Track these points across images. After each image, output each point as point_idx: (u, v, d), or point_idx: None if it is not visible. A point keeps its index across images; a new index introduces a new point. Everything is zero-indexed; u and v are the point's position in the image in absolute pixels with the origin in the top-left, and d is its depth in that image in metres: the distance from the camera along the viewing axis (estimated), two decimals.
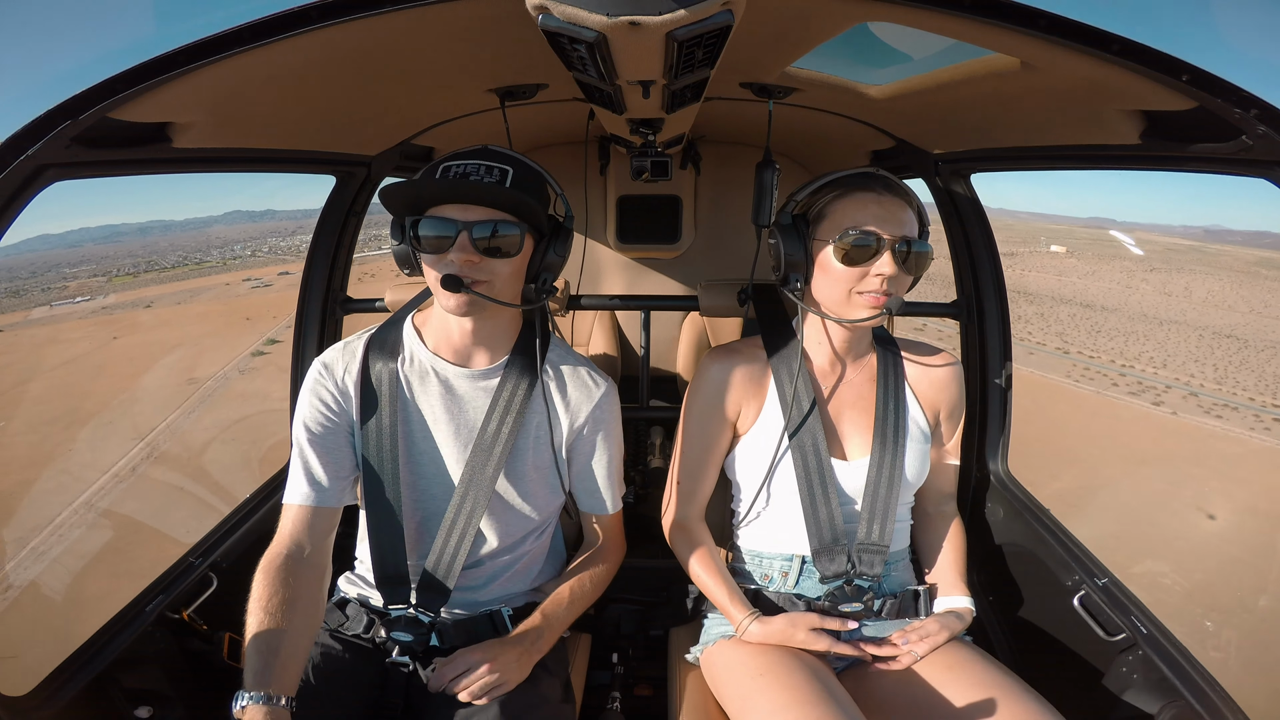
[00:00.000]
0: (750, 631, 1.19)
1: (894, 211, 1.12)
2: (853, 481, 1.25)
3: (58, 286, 72.74)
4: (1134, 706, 1.17)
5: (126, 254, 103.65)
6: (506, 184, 1.06)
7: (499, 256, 1.06)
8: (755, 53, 1.17)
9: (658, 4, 0.67)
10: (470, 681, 1.08)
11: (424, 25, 0.91)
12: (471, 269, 1.04)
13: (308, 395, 1.18)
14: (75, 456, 36.43)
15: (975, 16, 0.75)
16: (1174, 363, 13.13)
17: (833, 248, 1.13)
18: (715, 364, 1.30)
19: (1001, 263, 1.72)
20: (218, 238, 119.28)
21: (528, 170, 1.12)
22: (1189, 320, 52.01)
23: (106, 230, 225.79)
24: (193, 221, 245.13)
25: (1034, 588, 1.49)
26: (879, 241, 1.10)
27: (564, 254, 1.16)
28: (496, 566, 1.26)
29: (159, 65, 0.79)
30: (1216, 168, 0.97)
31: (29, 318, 48.75)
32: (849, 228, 1.12)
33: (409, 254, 1.13)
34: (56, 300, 63.83)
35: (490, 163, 1.07)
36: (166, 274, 78.47)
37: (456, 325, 1.16)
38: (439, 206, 1.05)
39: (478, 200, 1.04)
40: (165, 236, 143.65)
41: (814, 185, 1.21)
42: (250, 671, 0.95)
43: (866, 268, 1.12)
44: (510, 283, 1.10)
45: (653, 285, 2.96)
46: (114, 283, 72.24)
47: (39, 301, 63.36)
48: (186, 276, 74.24)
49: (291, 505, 1.13)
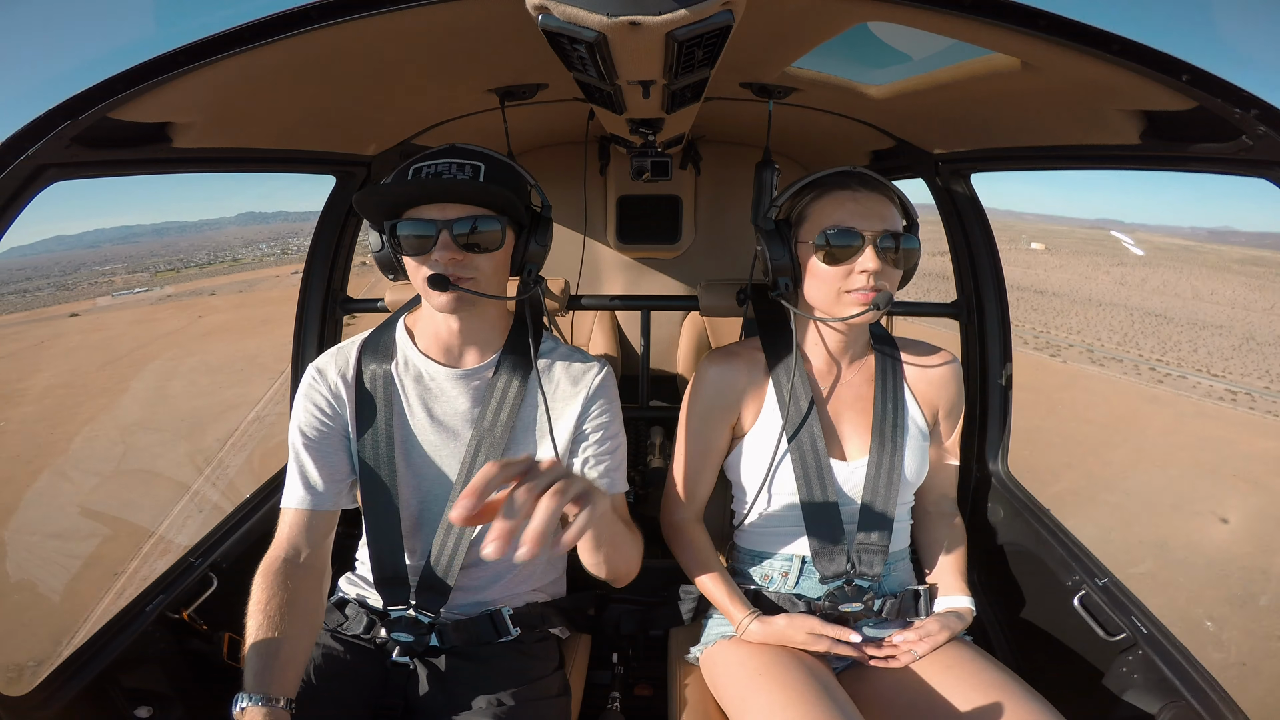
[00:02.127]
0: (751, 630, 1.19)
1: (872, 207, 1.12)
2: (852, 481, 1.25)
3: (105, 280, 74.51)
4: (1134, 706, 1.17)
5: (148, 253, 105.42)
6: (480, 179, 1.06)
7: (482, 252, 1.06)
8: (755, 53, 1.17)
9: (658, 4, 0.67)
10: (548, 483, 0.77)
11: (424, 25, 0.91)
12: (456, 266, 1.05)
13: (302, 400, 1.18)
14: (228, 392, 44.00)
15: (975, 16, 0.75)
16: (1088, 331, 14.33)
17: (814, 248, 1.14)
18: (714, 367, 1.30)
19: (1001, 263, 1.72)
20: (237, 238, 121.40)
21: (498, 164, 1.11)
22: (1127, 303, 59.17)
23: (123, 231, 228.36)
24: (207, 223, 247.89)
25: (1034, 588, 1.49)
26: (859, 238, 1.10)
27: (545, 244, 1.16)
28: (496, 567, 1.25)
29: (159, 65, 0.79)
30: (1216, 168, 0.97)
31: (96, 305, 51.39)
32: (827, 227, 1.12)
33: (391, 258, 1.13)
34: (117, 290, 65.65)
35: (461, 160, 1.07)
36: (207, 269, 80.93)
37: (445, 325, 1.16)
38: (416, 208, 1.05)
39: (456, 198, 1.04)
40: (182, 237, 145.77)
41: (794, 188, 1.21)
42: (250, 673, 0.95)
43: (850, 265, 1.11)
44: (495, 277, 1.10)
45: (653, 285, 2.96)
46: (158, 277, 75.01)
47: (91, 294, 65.20)
48: (227, 271, 76.71)
49: (289, 509, 1.13)
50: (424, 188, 1.04)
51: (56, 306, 53.72)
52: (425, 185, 1.04)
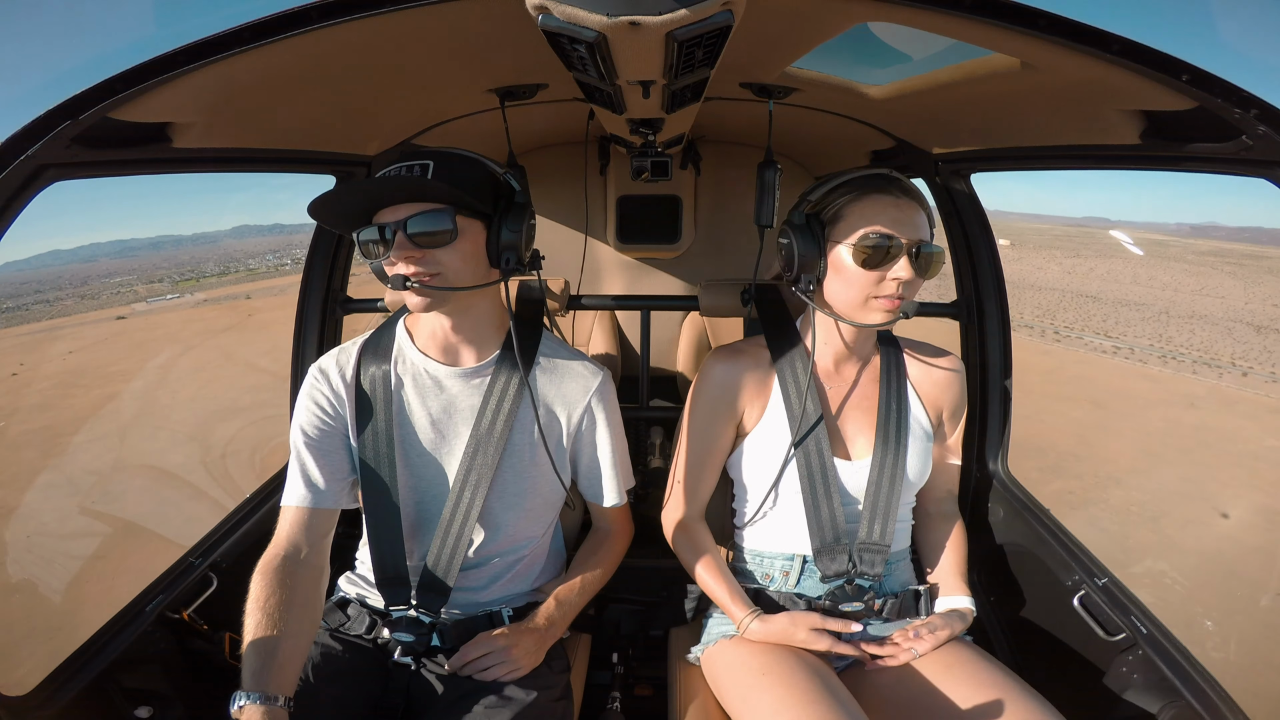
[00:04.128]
0: (752, 629, 1.19)
1: (910, 214, 1.12)
2: (855, 481, 1.25)
3: (126, 289, 75.54)
4: (1134, 706, 1.17)
5: (150, 266, 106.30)
6: (428, 177, 1.04)
7: (438, 246, 1.05)
8: (755, 53, 1.17)
9: (658, 4, 0.67)
10: (491, 664, 1.14)
11: (424, 25, 0.91)
12: (416, 264, 1.04)
13: (304, 400, 1.19)
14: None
15: (975, 16, 0.75)
16: (1014, 309, 16.04)
17: (850, 250, 1.12)
18: (720, 364, 1.30)
19: (1001, 263, 1.73)
20: (238, 250, 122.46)
21: (449, 158, 1.09)
22: (1065, 288, 65.78)
23: (119, 245, 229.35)
24: (202, 236, 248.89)
25: (1034, 588, 1.49)
26: (897, 245, 1.09)
27: (518, 229, 1.11)
28: (497, 567, 1.25)
29: (159, 65, 0.79)
30: (1216, 168, 0.97)
31: (134, 310, 52.16)
32: (868, 231, 1.11)
33: (381, 266, 1.12)
34: (151, 297, 66.72)
35: (410, 161, 1.07)
36: (226, 279, 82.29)
37: (438, 323, 1.17)
38: (377, 215, 1.06)
39: (405, 197, 1.04)
40: (179, 250, 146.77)
41: (828, 185, 1.20)
42: (248, 672, 0.95)
43: (883, 271, 1.11)
44: (464, 270, 1.08)
45: (653, 285, 2.95)
46: (180, 286, 76.47)
47: (115, 302, 66.09)
48: (245, 280, 78.03)
49: (289, 507, 1.13)
50: (365, 191, 1.05)
51: (94, 313, 54.50)
52: (366, 187, 1.05)
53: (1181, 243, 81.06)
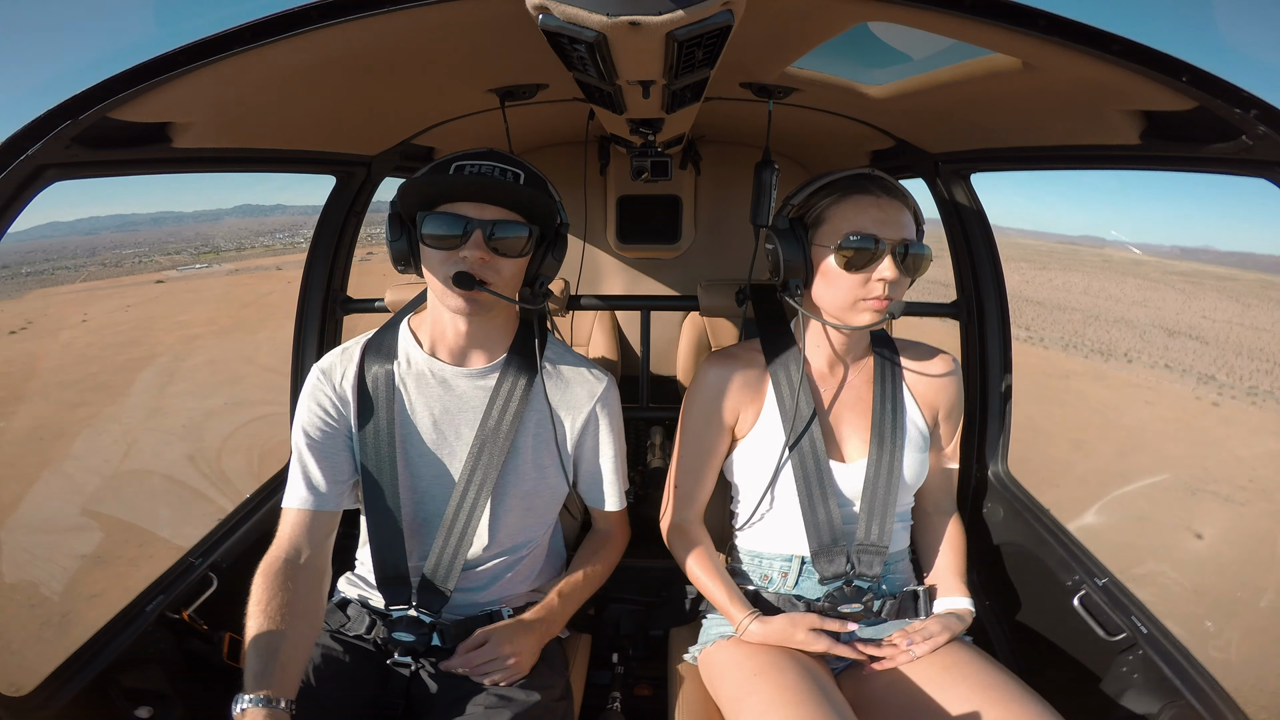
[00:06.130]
0: (750, 631, 1.19)
1: (893, 214, 1.11)
2: (851, 483, 1.25)
3: (146, 260, 75.45)
4: (1134, 706, 1.17)
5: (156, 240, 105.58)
6: (521, 185, 1.08)
7: (508, 256, 1.07)
8: (755, 53, 1.17)
9: (658, 4, 0.67)
10: (491, 670, 1.13)
11: (424, 25, 0.91)
12: (482, 266, 1.05)
13: (306, 401, 1.18)
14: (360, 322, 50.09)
15: (975, 16, 0.75)
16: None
17: (834, 253, 1.12)
18: (713, 369, 1.30)
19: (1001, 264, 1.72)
20: (242, 229, 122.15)
21: (534, 175, 1.14)
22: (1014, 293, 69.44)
23: (120, 219, 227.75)
24: (204, 214, 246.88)
25: (1034, 588, 1.49)
26: (881, 246, 1.09)
27: (560, 259, 1.18)
28: (497, 567, 1.26)
29: (159, 65, 0.79)
30: (1216, 168, 0.97)
31: (169, 276, 52.55)
32: (850, 232, 1.10)
33: (407, 251, 1.13)
34: (180, 266, 66.53)
35: (504, 165, 1.09)
36: (245, 253, 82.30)
37: (453, 325, 1.16)
38: (451, 204, 1.05)
39: (497, 199, 1.05)
40: (180, 226, 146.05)
41: (810, 188, 1.19)
42: (250, 674, 0.94)
43: (868, 272, 1.11)
44: (512, 283, 1.12)
45: (653, 285, 2.95)
46: (201, 258, 76.31)
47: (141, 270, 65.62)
48: (264, 254, 78.06)
49: (290, 509, 1.13)
50: (470, 184, 1.04)
51: (127, 277, 54.60)
52: (471, 182, 1.04)
53: (1160, 263, 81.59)
